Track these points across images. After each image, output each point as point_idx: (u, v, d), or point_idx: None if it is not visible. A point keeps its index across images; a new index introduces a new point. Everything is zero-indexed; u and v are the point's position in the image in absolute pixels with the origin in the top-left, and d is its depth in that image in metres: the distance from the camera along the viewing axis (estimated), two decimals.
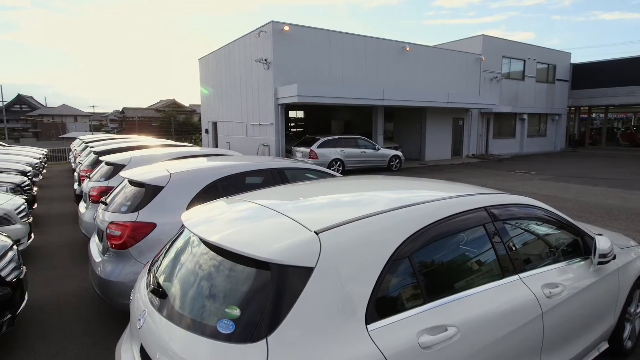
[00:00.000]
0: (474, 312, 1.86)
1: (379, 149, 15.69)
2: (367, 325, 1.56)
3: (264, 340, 1.42)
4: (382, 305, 1.65)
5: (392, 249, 1.74)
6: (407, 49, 18.43)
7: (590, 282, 2.53)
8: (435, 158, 20.25)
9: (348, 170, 14.59)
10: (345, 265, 1.63)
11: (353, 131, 19.74)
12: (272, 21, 15.01)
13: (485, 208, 2.25)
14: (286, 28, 15.15)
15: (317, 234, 1.66)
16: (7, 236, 3.68)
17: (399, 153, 16.18)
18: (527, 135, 25.06)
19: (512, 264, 2.19)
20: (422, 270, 1.86)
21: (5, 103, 41.87)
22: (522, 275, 2.19)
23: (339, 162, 14.52)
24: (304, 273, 1.53)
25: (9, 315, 3.03)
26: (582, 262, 2.61)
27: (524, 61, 23.94)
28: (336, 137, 15.26)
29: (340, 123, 22.56)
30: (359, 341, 1.52)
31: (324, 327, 1.49)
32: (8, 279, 3.10)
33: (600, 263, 2.57)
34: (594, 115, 32.63)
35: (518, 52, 23.55)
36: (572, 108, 28.64)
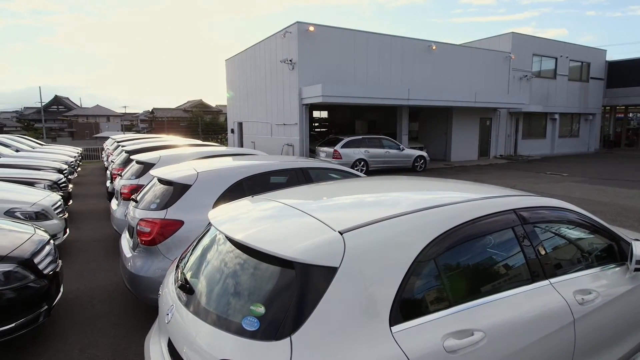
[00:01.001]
0: (501, 317, 1.82)
1: (403, 149, 15.52)
2: (391, 327, 1.55)
3: (288, 338, 1.43)
4: (406, 307, 1.63)
5: (417, 251, 1.72)
6: (433, 47, 18.15)
7: (626, 290, 2.43)
8: (462, 159, 19.84)
9: (372, 170, 14.50)
10: (370, 266, 1.62)
11: (377, 131, 19.59)
12: (298, 22, 15.10)
13: (514, 210, 2.19)
14: (311, 28, 15.20)
15: (341, 234, 1.66)
16: (45, 231, 3.86)
17: (423, 153, 15.95)
18: (558, 135, 24.18)
19: (542, 268, 2.13)
20: (448, 272, 1.83)
21: (43, 104, 43.85)
22: (552, 280, 2.13)
23: (362, 162, 14.45)
24: (328, 273, 1.54)
25: (46, 307, 3.17)
26: (618, 269, 2.50)
27: (556, 59, 23.12)
28: (360, 137, 15.20)
29: (365, 123, 22.44)
30: (383, 343, 1.51)
31: (348, 328, 1.49)
32: (45, 271, 3.25)
33: (637, 270, 2.46)
34: (630, 114, 31.12)
35: (550, 49, 22.76)
36: (607, 107, 27.43)
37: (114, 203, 6.10)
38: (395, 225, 1.81)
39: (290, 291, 1.52)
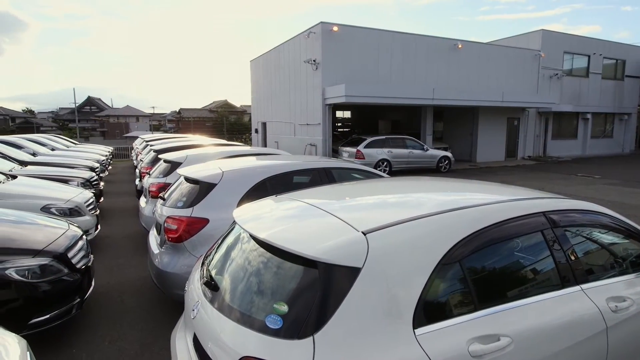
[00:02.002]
0: (529, 322, 1.77)
1: (427, 150, 15.31)
2: (415, 330, 1.54)
3: (311, 337, 1.44)
4: (430, 309, 1.62)
5: (442, 253, 1.70)
6: (459, 46, 17.82)
7: None
8: (488, 159, 19.39)
9: (395, 171, 14.37)
10: (393, 267, 1.61)
11: (401, 131, 19.39)
12: (322, 22, 15.14)
13: (543, 213, 2.13)
14: (335, 28, 15.20)
15: (364, 234, 1.66)
16: (78, 227, 4.02)
17: (448, 154, 15.69)
18: (590, 136, 23.27)
19: (573, 273, 2.06)
20: (474, 276, 1.80)
21: (77, 104, 45.65)
22: (584, 286, 2.05)
23: (385, 163, 14.34)
24: (351, 273, 1.54)
25: (78, 300, 3.31)
26: None
27: (589, 57, 22.26)
28: (383, 137, 15.09)
29: (388, 123, 22.26)
30: (406, 345, 1.50)
31: (370, 329, 1.49)
32: (78, 266, 3.38)
33: None
34: None
35: (582, 47, 21.94)
36: None
37: (142, 201, 6.28)
38: (420, 226, 1.79)
39: (313, 291, 1.53)
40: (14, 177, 6.09)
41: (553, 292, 1.95)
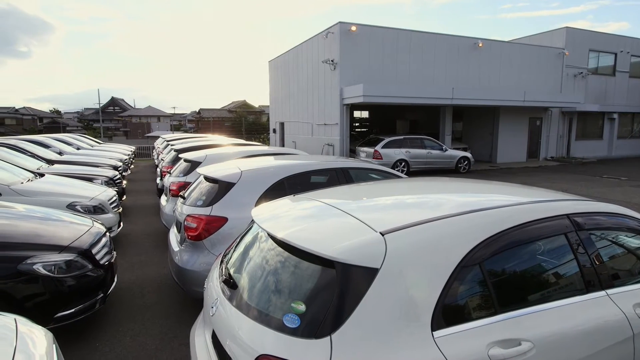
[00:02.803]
0: (552, 327, 1.73)
1: (446, 150, 15.11)
2: (433, 332, 1.52)
3: (328, 337, 1.44)
4: (449, 312, 1.60)
5: (462, 255, 1.68)
6: (480, 44, 17.52)
7: None
8: (508, 160, 19.00)
9: (413, 171, 14.23)
10: (411, 269, 1.60)
11: (419, 131, 19.20)
12: (340, 22, 15.12)
13: (567, 216, 2.08)
14: (353, 28, 15.17)
15: (382, 235, 1.65)
16: (102, 224, 4.13)
17: (467, 154, 15.44)
18: (617, 136, 22.50)
19: (597, 278, 2.00)
20: (494, 279, 1.77)
21: (101, 105, 46.91)
22: (609, 291, 1.99)
23: (403, 163, 14.22)
24: (369, 274, 1.54)
25: (102, 295, 3.40)
26: None
27: (615, 54, 21.53)
28: (401, 137, 14.97)
29: (406, 123, 22.07)
30: (424, 347, 1.49)
31: (388, 330, 1.48)
32: (101, 262, 3.48)
33: None
34: None
35: (608, 44, 21.23)
36: None
37: (163, 199, 6.41)
38: (439, 227, 1.77)
39: (331, 290, 1.53)
40: (42, 175, 6.30)
41: (577, 297, 1.90)
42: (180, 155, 7.25)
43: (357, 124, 26.19)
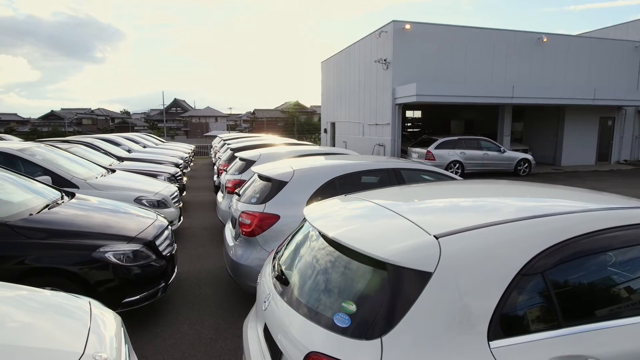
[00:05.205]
0: (623, 347, 1.59)
1: (504, 152, 14.35)
2: (490, 342, 1.46)
3: (379, 339, 1.43)
4: (507, 322, 1.52)
5: (522, 263, 1.59)
6: (544, 39, 16.43)
7: None
8: (574, 163, 17.64)
9: (467, 173, 13.68)
10: (467, 274, 1.55)
11: (475, 132, 18.38)
12: (394, 20, 14.90)
13: None
14: (407, 27, 14.88)
15: (436, 238, 1.61)
16: (164, 217, 4.42)
17: (528, 156, 14.56)
18: None
19: None
20: (558, 290, 1.65)
21: (165, 106, 50.04)
22: None
23: (457, 165, 13.71)
24: (422, 278, 1.51)
25: (163, 284, 3.63)
26: None
27: None
28: (456, 137, 14.44)
29: (461, 123, 21.24)
30: (480, 357, 1.43)
31: (440, 336, 1.45)
32: (164, 253, 3.72)
33: None
34: None
35: None
36: None
37: (219, 196, 6.71)
38: (497, 233, 1.69)
39: (382, 292, 1.52)
40: (113, 171, 6.86)
41: None
42: (236, 154, 7.53)
43: (409, 124, 25.65)
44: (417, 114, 26.35)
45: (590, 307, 1.71)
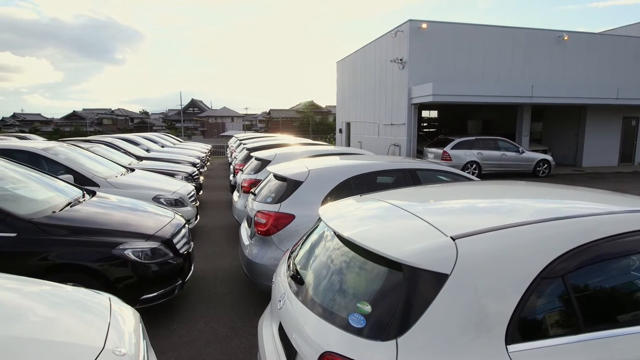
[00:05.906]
0: None
1: (523, 152, 14.08)
2: (508, 346, 1.43)
3: (394, 340, 1.43)
4: (527, 326, 1.49)
5: (542, 266, 1.55)
6: (565, 38, 16.06)
7: None
8: (596, 164, 17.18)
9: (485, 174, 13.47)
10: (484, 277, 1.53)
11: (493, 132, 18.08)
12: (410, 20, 14.79)
13: None
14: (424, 26, 14.74)
15: (453, 239, 1.60)
16: (182, 216, 4.48)
17: (547, 157, 14.25)
18: None
19: None
20: (579, 294, 1.62)
21: (182, 106, 50.80)
22: None
23: (474, 165, 13.52)
24: (438, 279, 1.49)
25: (180, 281, 3.69)
26: None
27: None
28: (473, 137, 14.24)
29: (478, 123, 20.92)
30: None
31: (457, 339, 1.43)
32: (181, 251, 3.78)
33: None
34: None
35: None
36: None
37: (235, 195, 6.77)
38: (516, 235, 1.66)
39: (398, 293, 1.52)
40: (133, 170, 7.00)
41: None
42: (251, 154, 7.59)
43: (425, 124, 25.41)
44: (434, 113, 26.08)
45: (612, 312, 1.66)
